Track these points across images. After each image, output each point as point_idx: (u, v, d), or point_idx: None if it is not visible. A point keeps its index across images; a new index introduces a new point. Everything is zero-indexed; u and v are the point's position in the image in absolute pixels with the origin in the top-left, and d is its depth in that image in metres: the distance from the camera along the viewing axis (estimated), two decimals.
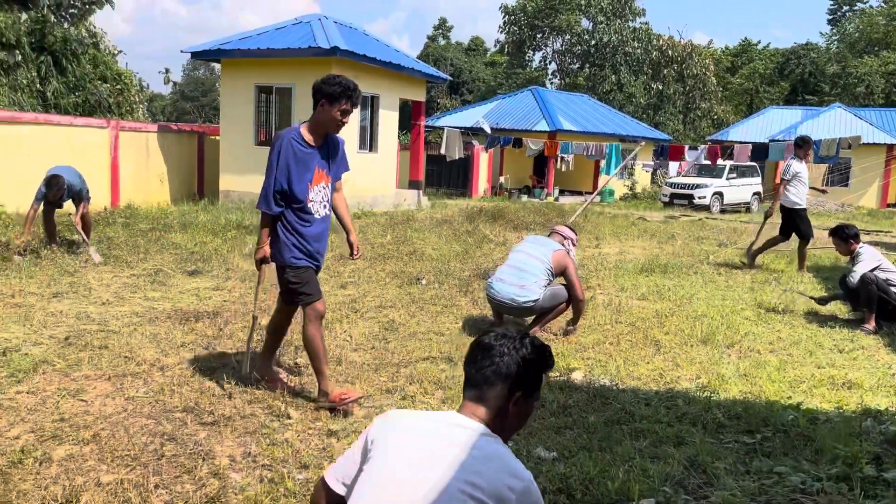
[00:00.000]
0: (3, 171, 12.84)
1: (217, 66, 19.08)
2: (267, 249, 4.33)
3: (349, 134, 15.60)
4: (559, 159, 25.92)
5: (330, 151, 4.45)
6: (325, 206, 4.42)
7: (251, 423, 4.05)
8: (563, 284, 6.26)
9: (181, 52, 15.75)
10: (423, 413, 2.20)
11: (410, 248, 10.47)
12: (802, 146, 9.92)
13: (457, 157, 20.20)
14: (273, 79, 15.37)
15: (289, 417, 4.16)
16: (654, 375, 5.24)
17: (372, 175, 16.65)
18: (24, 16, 20.33)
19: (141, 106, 25.10)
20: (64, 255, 8.61)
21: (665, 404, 4.59)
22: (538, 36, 44.56)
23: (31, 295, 6.77)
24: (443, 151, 19.56)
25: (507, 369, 2.12)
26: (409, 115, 21.38)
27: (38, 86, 21.04)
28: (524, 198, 24.91)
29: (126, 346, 5.30)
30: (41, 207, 8.79)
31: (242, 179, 15.79)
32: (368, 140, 16.71)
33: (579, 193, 27.18)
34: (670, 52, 39.56)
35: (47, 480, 3.29)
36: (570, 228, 6.75)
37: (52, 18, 21.20)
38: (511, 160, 26.99)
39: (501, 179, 27.02)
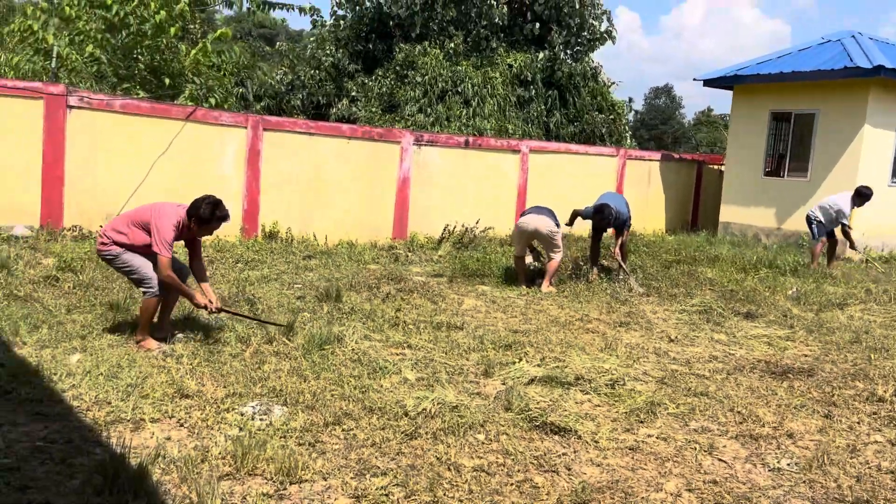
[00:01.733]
0: (534, 193, 14.07)
1: (679, 95, 18.40)
2: None
3: (881, 163, 13.49)
4: None
5: None
6: None
7: None
8: None
9: (693, 79, 15.56)
10: None
11: None
12: None
13: None
14: (792, 104, 14.12)
15: None
16: None
17: None
18: (541, 55, 22.46)
19: (627, 134, 25.86)
20: (603, 281, 8.79)
21: None
22: None
23: (597, 321, 6.93)
24: None
25: None
26: None
27: (543, 118, 23.09)
28: None
29: (726, 398, 4.88)
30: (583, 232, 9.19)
31: (746, 211, 14.87)
32: None
33: None
34: None
35: None
36: None
37: (562, 56, 23.06)
38: None
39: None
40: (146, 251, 5.33)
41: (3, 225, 9.30)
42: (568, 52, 24.63)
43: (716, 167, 17.06)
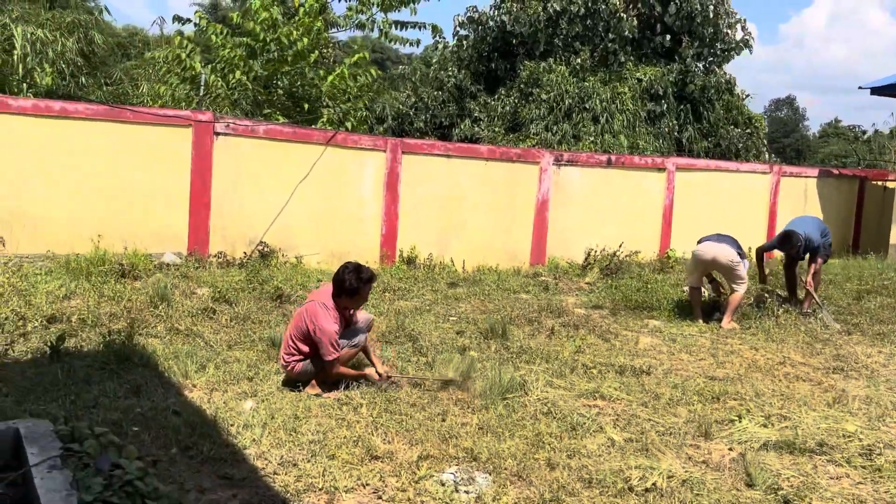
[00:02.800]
0: (681, 213, 13.12)
1: (802, 106, 16.77)
2: None
3: None
4: None
5: None
6: None
7: None
8: None
9: (859, 87, 14.19)
10: None
11: None
12: None
13: None
14: None
15: None
16: None
17: None
18: (672, 67, 21.38)
19: (765, 149, 24.29)
20: (790, 315, 7.82)
21: None
22: None
23: (803, 366, 6.02)
24: None
25: None
26: None
27: (675, 133, 21.95)
28: None
29: None
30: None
31: None
32: None
33: None
34: None
35: None
36: None
37: (694, 68, 21.89)
38: None
39: None
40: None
41: (154, 252, 9.32)
42: (700, 63, 23.38)
43: (880, 183, 15.49)
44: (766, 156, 23.96)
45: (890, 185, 15.71)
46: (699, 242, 7.88)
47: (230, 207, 10.04)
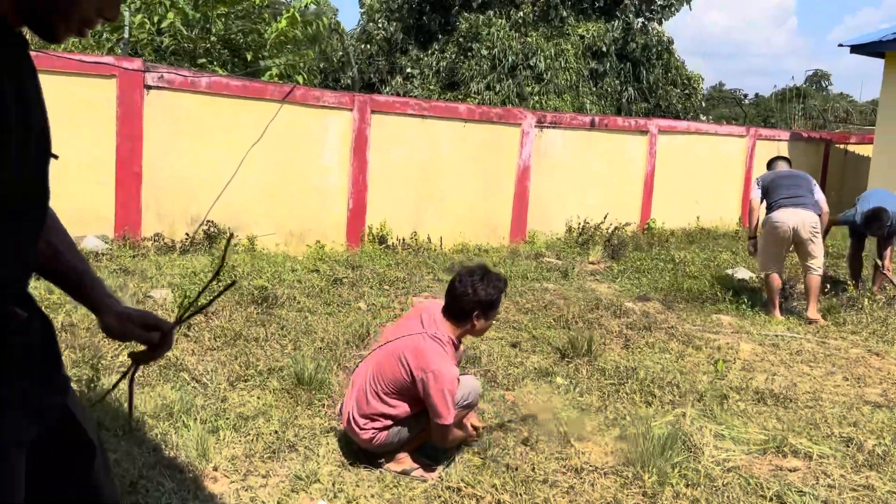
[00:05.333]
0: (662, 181, 12.07)
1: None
2: None
3: None
4: None
5: None
6: None
7: None
8: None
9: (839, 45, 13.49)
10: None
11: None
12: None
13: None
14: None
15: None
16: None
17: None
18: (614, 24, 20.31)
19: (702, 110, 23.82)
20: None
21: None
22: None
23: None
24: None
25: None
26: None
27: (616, 94, 21.02)
28: None
29: None
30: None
31: None
32: None
33: None
34: None
35: None
36: None
37: (636, 25, 20.92)
38: None
39: None
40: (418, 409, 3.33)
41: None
42: (639, 21, 22.40)
43: (842, 146, 15.04)
44: (705, 118, 23.53)
45: (851, 148, 15.31)
46: (773, 207, 6.45)
47: (167, 179, 8.06)
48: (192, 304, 1.75)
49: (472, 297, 3.24)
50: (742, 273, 7.59)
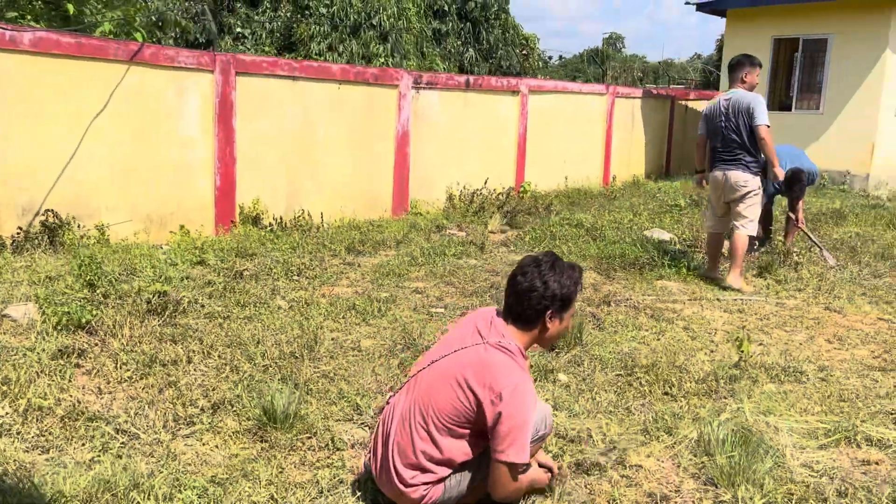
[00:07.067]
0: (535, 143, 11.79)
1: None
2: None
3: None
4: None
5: None
6: None
7: None
8: None
9: (686, 3, 13.80)
10: None
11: None
12: None
13: None
14: (800, 29, 12.78)
15: None
16: None
17: None
18: None
19: (540, 70, 24.11)
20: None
21: None
22: None
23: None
24: None
25: None
26: None
27: (459, 54, 20.61)
28: None
29: None
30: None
31: None
32: None
33: None
34: None
35: None
36: None
37: None
38: None
39: None
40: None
41: None
42: None
43: (684, 103, 15.64)
44: (543, 77, 23.74)
45: (691, 104, 15.95)
46: (713, 166, 5.98)
47: None
48: None
49: (542, 291, 2.49)
50: (660, 234, 7.38)
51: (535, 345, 2.63)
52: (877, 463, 3.01)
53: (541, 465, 2.70)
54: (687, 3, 13.65)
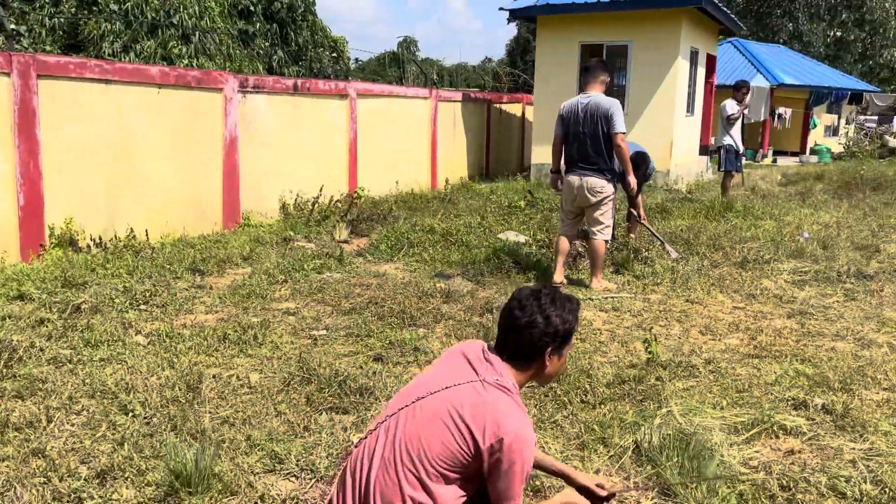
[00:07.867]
0: (366, 148, 11.56)
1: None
2: None
3: (683, 95, 13.81)
4: (776, 117, 24.58)
5: None
6: None
7: None
8: None
9: (500, 9, 14.15)
10: None
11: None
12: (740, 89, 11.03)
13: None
14: (604, 36, 13.64)
15: None
16: None
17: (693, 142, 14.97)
18: None
19: (352, 75, 23.85)
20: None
21: None
22: None
23: (772, 315, 5.32)
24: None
25: None
26: None
27: (268, 56, 19.85)
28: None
29: None
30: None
31: None
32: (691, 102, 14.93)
33: (794, 154, 24.95)
34: None
35: None
36: None
37: None
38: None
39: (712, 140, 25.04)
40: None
41: None
42: None
43: (498, 106, 16.17)
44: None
45: (504, 107, 16.53)
46: (569, 171, 6.10)
47: None
48: None
49: (544, 327, 2.28)
50: (514, 236, 7.46)
51: (536, 381, 2.43)
52: (799, 452, 3.16)
53: (580, 488, 2.52)
54: (501, 10, 14.08)
